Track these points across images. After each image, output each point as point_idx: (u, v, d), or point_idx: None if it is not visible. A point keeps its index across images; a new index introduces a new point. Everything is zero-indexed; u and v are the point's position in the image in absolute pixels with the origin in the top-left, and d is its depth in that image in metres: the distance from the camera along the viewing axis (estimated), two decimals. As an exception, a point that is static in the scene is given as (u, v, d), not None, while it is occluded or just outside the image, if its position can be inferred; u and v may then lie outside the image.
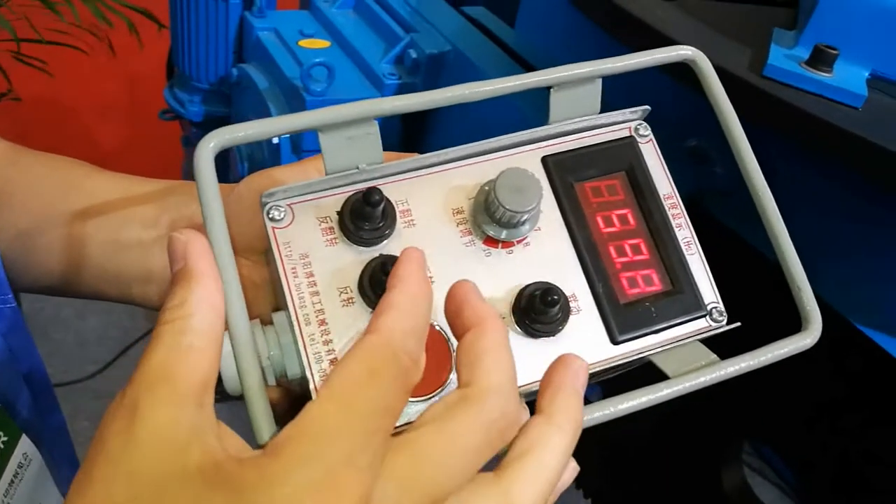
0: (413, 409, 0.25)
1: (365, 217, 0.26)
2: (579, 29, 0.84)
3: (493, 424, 0.22)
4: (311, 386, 0.25)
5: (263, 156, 1.01)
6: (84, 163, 0.39)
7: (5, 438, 0.32)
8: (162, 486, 0.20)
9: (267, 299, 0.33)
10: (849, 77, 0.48)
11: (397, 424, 0.23)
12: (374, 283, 0.25)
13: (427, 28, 1.03)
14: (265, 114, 1.02)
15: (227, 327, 0.24)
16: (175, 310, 0.23)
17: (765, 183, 0.28)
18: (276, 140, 0.97)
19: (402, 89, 0.99)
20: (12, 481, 0.33)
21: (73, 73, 1.70)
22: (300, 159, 0.32)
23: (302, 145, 0.94)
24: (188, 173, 1.36)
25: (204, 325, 0.23)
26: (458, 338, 0.24)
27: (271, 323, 0.28)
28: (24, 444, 0.34)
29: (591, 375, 0.27)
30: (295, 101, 0.96)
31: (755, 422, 0.74)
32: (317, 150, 0.27)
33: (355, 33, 1.06)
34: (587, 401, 0.25)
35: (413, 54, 0.98)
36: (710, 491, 0.76)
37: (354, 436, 0.20)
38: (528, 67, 0.94)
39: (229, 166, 1.08)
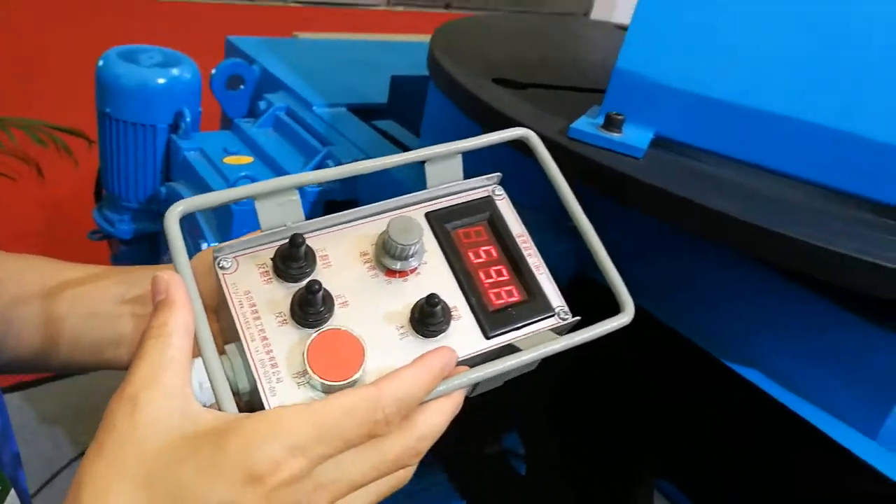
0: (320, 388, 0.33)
1: (292, 258, 0.35)
2: (467, 131, 0.98)
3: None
4: (259, 386, 0.33)
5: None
6: (55, 259, 0.46)
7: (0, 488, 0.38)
8: (163, 452, 0.28)
9: (218, 345, 0.41)
10: (634, 136, 0.61)
11: None
12: (303, 304, 0.34)
13: (342, 141, 1.15)
14: (195, 226, 1.10)
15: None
16: (159, 328, 0.31)
17: (582, 213, 0.39)
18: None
19: (322, 196, 1.09)
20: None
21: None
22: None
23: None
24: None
25: (182, 342, 0.31)
26: None
27: (224, 354, 0.36)
28: (13, 497, 0.39)
29: (474, 360, 0.36)
30: (223, 212, 1.04)
31: (658, 459, 0.83)
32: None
33: (276, 148, 1.17)
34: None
35: (330, 164, 1.09)
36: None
37: (307, 440, 0.28)
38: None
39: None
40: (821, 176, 0.63)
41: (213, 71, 1.28)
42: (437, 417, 0.32)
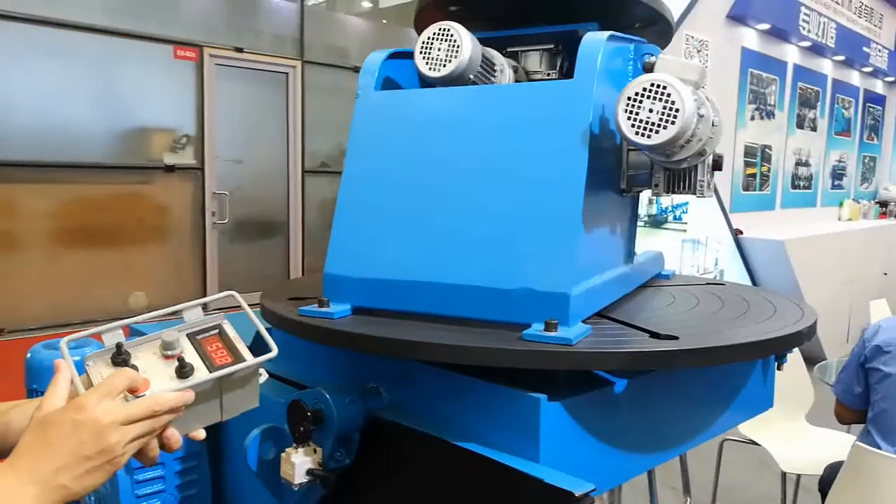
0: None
1: (119, 354, 0.78)
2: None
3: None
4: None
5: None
6: None
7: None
8: (51, 414, 0.72)
9: None
10: (336, 309, 1.11)
11: None
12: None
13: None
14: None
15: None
16: (55, 381, 0.75)
17: (260, 324, 0.84)
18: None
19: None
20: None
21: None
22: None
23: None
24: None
25: (64, 385, 0.75)
26: None
27: None
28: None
29: (204, 385, 0.79)
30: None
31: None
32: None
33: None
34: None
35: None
36: None
37: (101, 393, 0.73)
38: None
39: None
40: (448, 311, 1.11)
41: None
42: (168, 398, 0.75)
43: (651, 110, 1.01)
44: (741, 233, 5.88)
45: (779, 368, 1.65)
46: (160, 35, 4.21)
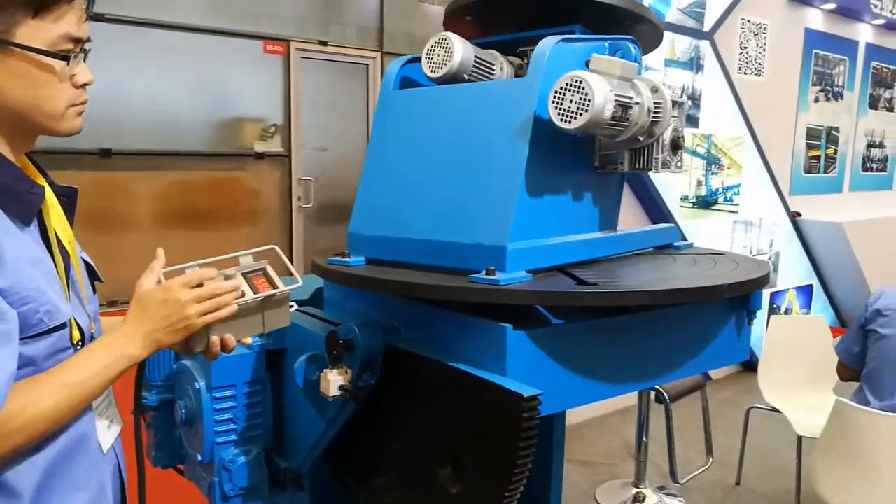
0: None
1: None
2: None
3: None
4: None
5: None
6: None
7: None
8: (146, 292, 1.15)
9: None
10: (354, 260, 1.47)
11: None
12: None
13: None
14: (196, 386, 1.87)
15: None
16: (149, 269, 1.18)
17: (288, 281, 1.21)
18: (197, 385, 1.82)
19: (263, 348, 1.88)
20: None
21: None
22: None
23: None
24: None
25: (155, 273, 1.17)
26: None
27: None
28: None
29: (251, 303, 1.18)
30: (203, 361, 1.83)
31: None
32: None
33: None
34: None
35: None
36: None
37: (180, 280, 1.14)
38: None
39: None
40: (432, 261, 1.46)
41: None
42: (224, 285, 1.15)
43: (571, 101, 1.30)
44: (799, 215, 5.90)
45: (749, 324, 1.86)
46: (251, 31, 4.63)
